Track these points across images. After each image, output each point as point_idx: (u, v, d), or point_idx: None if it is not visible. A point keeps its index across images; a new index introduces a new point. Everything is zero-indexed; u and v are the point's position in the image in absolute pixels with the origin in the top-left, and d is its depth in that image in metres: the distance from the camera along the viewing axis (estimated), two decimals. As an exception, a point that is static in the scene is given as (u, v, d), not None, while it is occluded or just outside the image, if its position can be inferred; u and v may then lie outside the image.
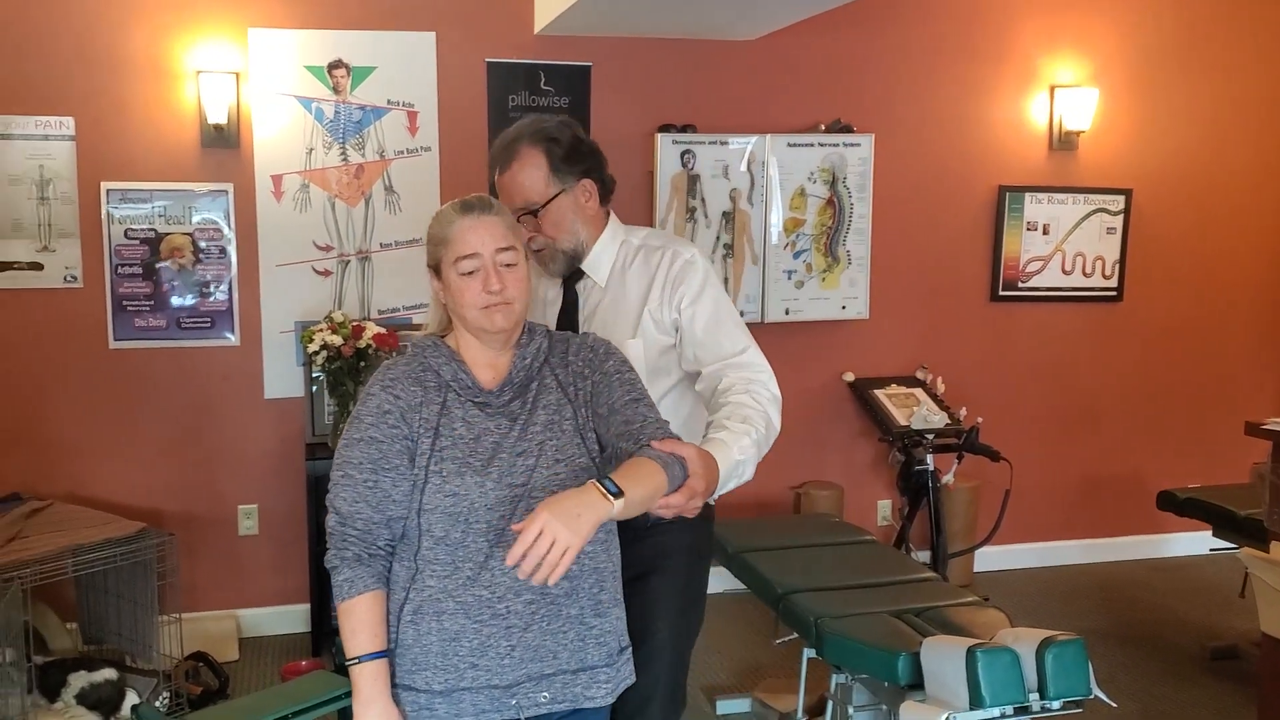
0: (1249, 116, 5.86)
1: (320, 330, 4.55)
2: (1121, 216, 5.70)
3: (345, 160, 4.83)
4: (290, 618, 4.93)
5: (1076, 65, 5.60)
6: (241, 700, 3.98)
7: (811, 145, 5.22)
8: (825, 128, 5.26)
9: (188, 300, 4.74)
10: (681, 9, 4.54)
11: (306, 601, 4.84)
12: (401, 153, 4.88)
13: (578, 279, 2.53)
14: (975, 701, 2.77)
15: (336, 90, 4.79)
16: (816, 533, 4.16)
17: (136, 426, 4.75)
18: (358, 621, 1.97)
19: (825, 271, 5.30)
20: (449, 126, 4.89)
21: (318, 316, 4.72)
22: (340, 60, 4.78)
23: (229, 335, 4.80)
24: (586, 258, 2.51)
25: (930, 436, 5.03)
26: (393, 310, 4.93)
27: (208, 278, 4.75)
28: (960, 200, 5.55)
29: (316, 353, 4.52)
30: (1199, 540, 5.18)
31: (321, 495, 2.11)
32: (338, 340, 4.50)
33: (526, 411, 2.04)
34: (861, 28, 5.27)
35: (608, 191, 2.53)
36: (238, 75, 4.67)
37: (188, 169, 4.69)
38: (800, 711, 3.76)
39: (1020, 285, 5.65)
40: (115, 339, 4.69)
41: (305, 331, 4.62)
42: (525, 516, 1.92)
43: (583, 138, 2.48)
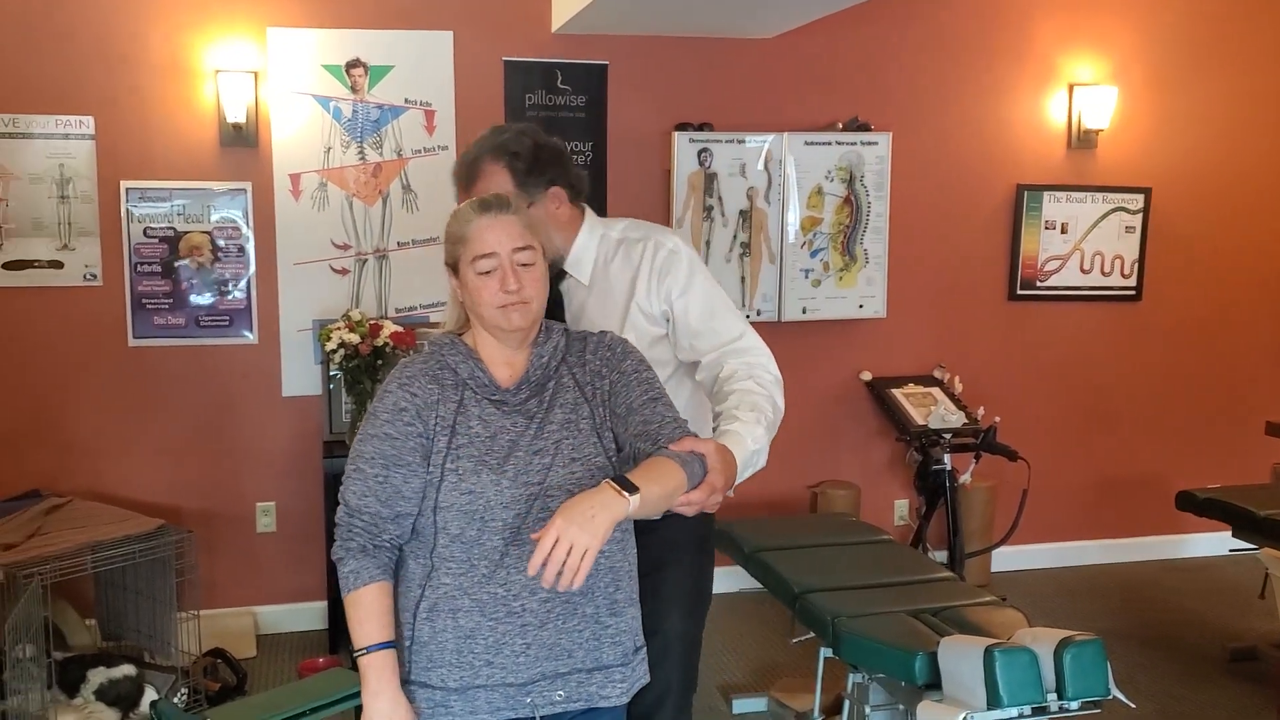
0: (1269, 114, 5.82)
1: (338, 328, 4.57)
2: (1140, 215, 5.67)
3: (363, 159, 4.84)
4: (308, 615, 4.95)
5: (1095, 63, 5.57)
6: (259, 697, 4.00)
7: (829, 144, 5.21)
8: (843, 126, 5.25)
9: (206, 299, 4.76)
10: (699, 7, 4.54)
11: (324, 599, 4.86)
12: (419, 151, 4.89)
13: (561, 279, 2.52)
14: (993, 701, 2.76)
15: (354, 89, 4.80)
16: (833, 532, 4.15)
17: (155, 424, 4.78)
18: (365, 612, 1.97)
19: (842, 270, 5.29)
20: (466, 125, 4.89)
21: (335, 315, 4.74)
22: (358, 59, 4.79)
23: (247, 333, 4.82)
24: (567, 259, 2.50)
25: (948, 436, 5.02)
26: (410, 309, 4.94)
27: (226, 276, 4.77)
28: (978, 199, 5.53)
29: (334, 351, 4.55)
30: (1218, 541, 5.15)
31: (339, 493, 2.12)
32: (355, 339, 4.52)
33: (543, 410, 2.04)
34: (879, 26, 5.25)
35: (578, 192, 2.51)
36: (256, 74, 4.69)
37: (206, 168, 4.71)
38: (817, 711, 3.75)
39: (1038, 284, 5.63)
40: (134, 337, 4.72)
41: (323, 330, 4.64)
42: (540, 515, 1.94)
43: (543, 144, 2.43)
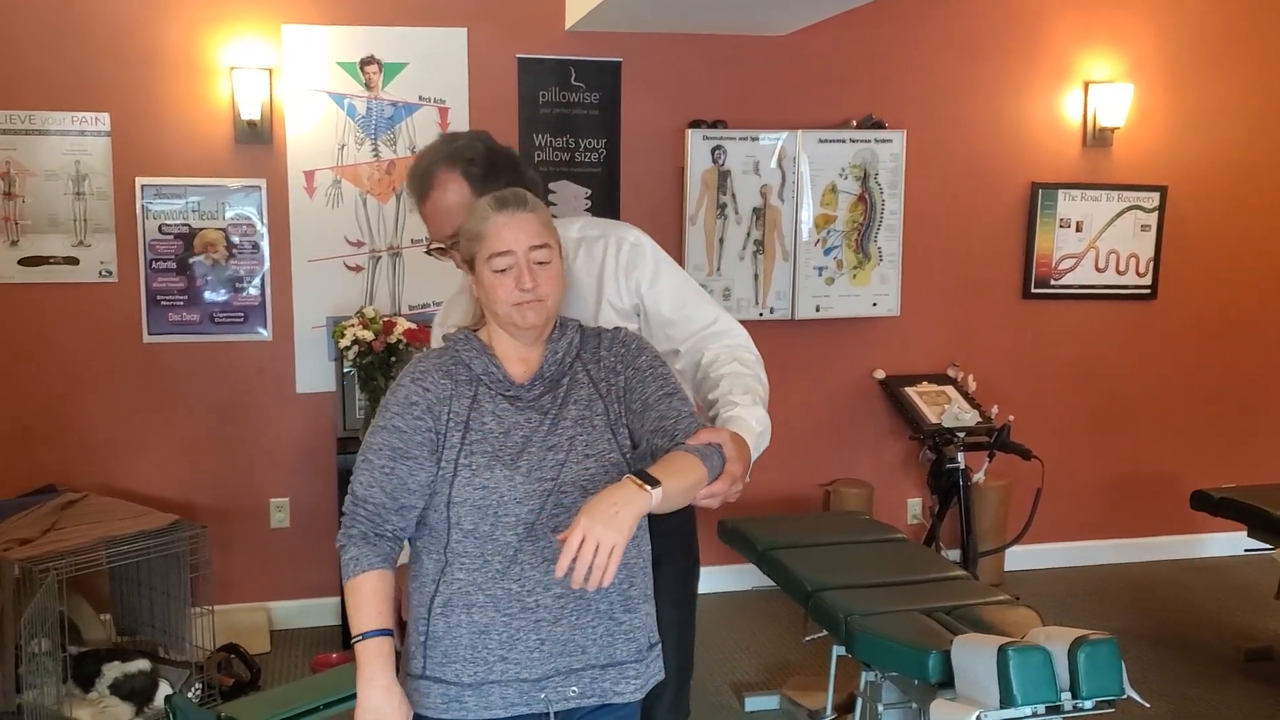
0: (1287, 112, 5.80)
1: (351, 325, 4.58)
2: (1156, 214, 5.65)
3: (377, 156, 4.85)
4: (321, 610, 4.96)
5: (1111, 61, 5.55)
6: (273, 692, 4.02)
7: (843, 141, 5.20)
8: (857, 124, 5.24)
9: (221, 295, 4.78)
10: (713, 5, 4.54)
11: (337, 594, 4.85)
12: (433, 149, 4.89)
13: None
14: (1006, 700, 2.75)
15: (368, 86, 4.81)
16: (846, 530, 4.15)
17: (170, 420, 4.80)
18: (362, 599, 1.97)
19: (856, 268, 5.28)
20: (480, 122, 4.88)
21: (349, 312, 4.75)
22: (372, 56, 4.80)
23: (261, 330, 4.83)
24: None
25: (961, 435, 5.00)
26: (423, 306, 4.95)
27: (241, 273, 4.78)
28: (993, 197, 5.52)
29: (348, 348, 4.56)
30: (1234, 541, 5.13)
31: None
32: (369, 335, 4.54)
33: (557, 406, 2.05)
34: (894, 23, 5.24)
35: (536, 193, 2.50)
36: (271, 71, 4.70)
37: (221, 164, 4.72)
38: (829, 709, 3.75)
39: (1053, 283, 5.61)
40: (149, 333, 4.73)
41: (337, 327, 4.65)
42: (554, 512, 1.94)
43: (496, 148, 2.40)
